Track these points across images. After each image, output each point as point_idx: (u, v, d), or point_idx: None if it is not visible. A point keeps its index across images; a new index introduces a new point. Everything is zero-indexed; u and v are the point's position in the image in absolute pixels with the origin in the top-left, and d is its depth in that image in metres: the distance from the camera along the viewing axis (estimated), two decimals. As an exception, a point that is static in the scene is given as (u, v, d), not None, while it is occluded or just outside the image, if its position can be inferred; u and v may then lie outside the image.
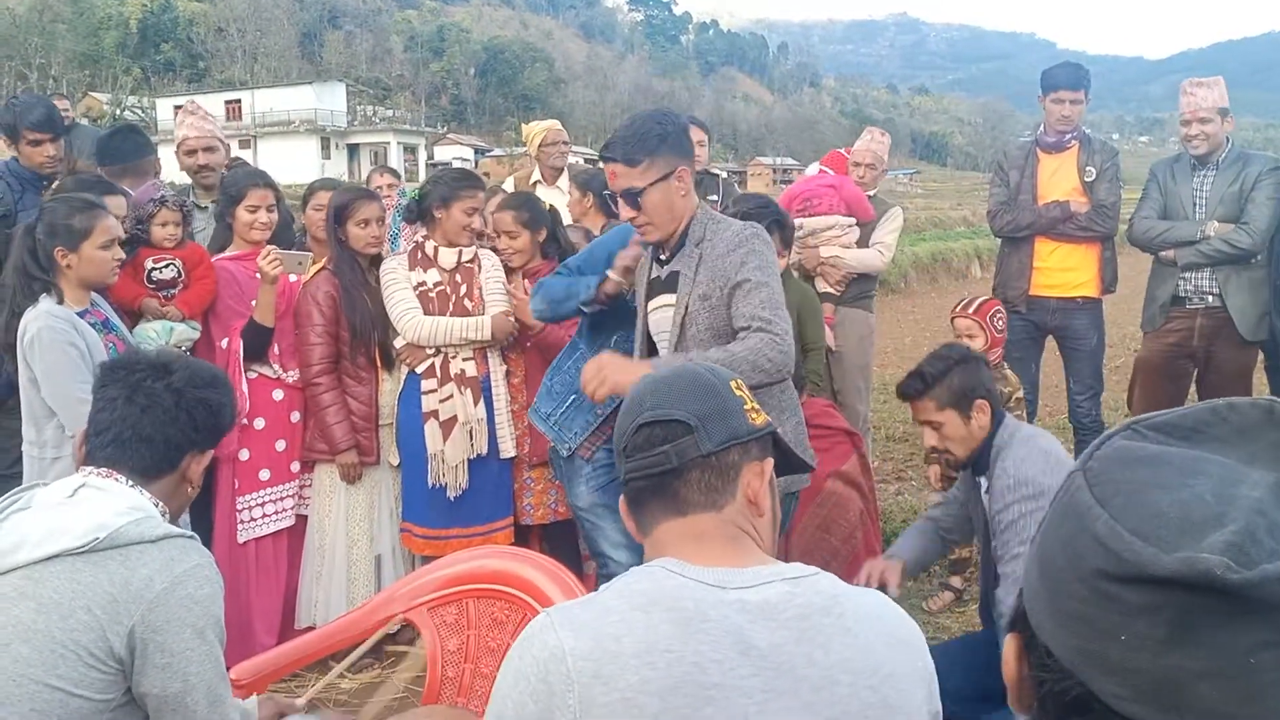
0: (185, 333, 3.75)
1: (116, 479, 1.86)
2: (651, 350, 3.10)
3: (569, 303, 3.36)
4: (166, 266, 3.76)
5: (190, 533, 1.86)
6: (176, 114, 4.76)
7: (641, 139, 2.85)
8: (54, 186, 3.76)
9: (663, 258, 3.01)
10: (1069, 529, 0.76)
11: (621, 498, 1.48)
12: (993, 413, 2.90)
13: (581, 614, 1.27)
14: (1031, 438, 2.87)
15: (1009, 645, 0.83)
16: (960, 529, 3.32)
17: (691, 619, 1.24)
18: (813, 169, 5.85)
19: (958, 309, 4.30)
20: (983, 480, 2.94)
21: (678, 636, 1.23)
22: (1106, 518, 0.73)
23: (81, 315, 3.17)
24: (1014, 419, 3.00)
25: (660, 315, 3.01)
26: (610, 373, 2.77)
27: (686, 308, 2.89)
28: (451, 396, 3.86)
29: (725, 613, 1.26)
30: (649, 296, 3.06)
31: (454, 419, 3.85)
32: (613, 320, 3.44)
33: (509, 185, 5.83)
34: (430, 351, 3.89)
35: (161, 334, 3.66)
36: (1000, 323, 4.23)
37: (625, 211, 2.90)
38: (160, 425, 1.89)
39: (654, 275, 3.05)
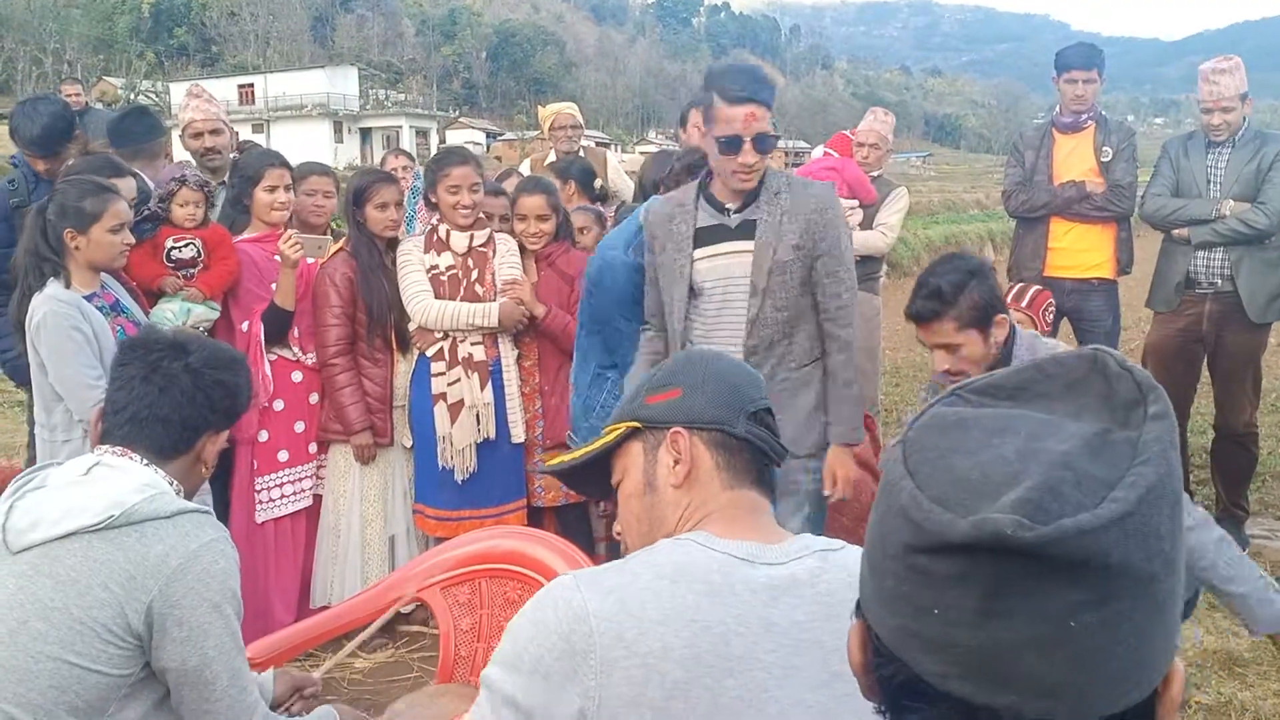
0: (204, 314, 3.73)
1: (131, 457, 1.86)
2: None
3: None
4: (186, 246, 3.73)
5: (205, 507, 1.87)
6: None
7: (769, 84, 2.96)
8: (65, 166, 3.76)
9: (730, 207, 3.05)
10: (884, 504, 0.73)
11: (701, 437, 1.43)
12: (1010, 326, 2.65)
13: (607, 579, 1.27)
14: (1055, 346, 2.64)
15: (853, 633, 0.79)
16: None
17: (719, 591, 1.25)
18: (818, 152, 5.83)
19: (1009, 299, 3.99)
20: None
21: (704, 607, 1.23)
22: (911, 488, 0.70)
23: (89, 299, 3.16)
24: (1026, 330, 2.75)
25: (723, 261, 3.05)
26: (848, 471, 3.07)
27: (775, 255, 2.97)
28: (459, 380, 3.87)
29: (753, 587, 1.26)
30: (698, 244, 3.08)
31: (461, 402, 3.86)
32: (628, 344, 3.47)
33: (525, 168, 5.83)
34: (439, 335, 3.89)
35: (179, 315, 3.64)
36: (1050, 316, 4.03)
37: (749, 157, 2.90)
38: (177, 406, 1.89)
39: (709, 224, 3.07)
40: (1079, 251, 4.88)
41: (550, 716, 1.22)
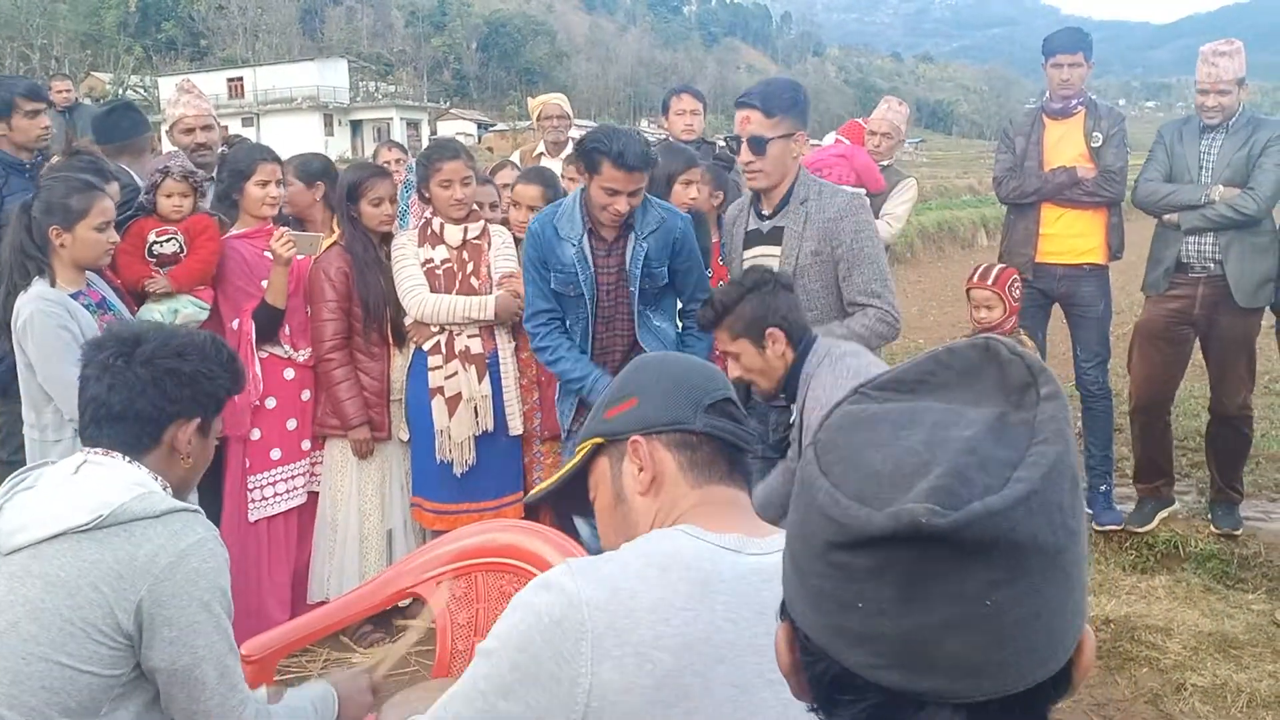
0: (193, 314, 3.68)
1: (114, 455, 1.85)
2: None
3: None
4: (168, 241, 3.68)
5: (195, 506, 1.85)
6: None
7: (781, 96, 3.19)
8: (49, 163, 3.74)
9: (765, 212, 3.30)
10: (802, 506, 0.75)
11: (660, 441, 1.43)
12: (793, 340, 2.81)
13: (601, 568, 1.29)
14: (843, 357, 2.76)
15: (780, 634, 0.81)
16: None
17: (709, 579, 1.26)
18: (829, 139, 5.80)
19: (975, 279, 4.15)
20: (793, 409, 2.90)
21: (694, 596, 1.24)
22: (828, 486, 0.72)
23: (75, 297, 3.13)
24: (828, 341, 2.85)
25: (757, 264, 3.22)
26: None
27: (797, 261, 3.22)
28: (456, 373, 3.86)
29: (741, 573, 1.27)
30: (746, 245, 3.36)
31: (459, 395, 3.85)
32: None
33: (515, 158, 5.82)
34: (435, 329, 3.89)
35: (166, 316, 3.59)
36: (1017, 291, 4.11)
37: (744, 155, 3.19)
38: (128, 402, 1.85)
39: (752, 227, 3.34)
40: (1070, 237, 4.88)
41: (531, 695, 1.23)
